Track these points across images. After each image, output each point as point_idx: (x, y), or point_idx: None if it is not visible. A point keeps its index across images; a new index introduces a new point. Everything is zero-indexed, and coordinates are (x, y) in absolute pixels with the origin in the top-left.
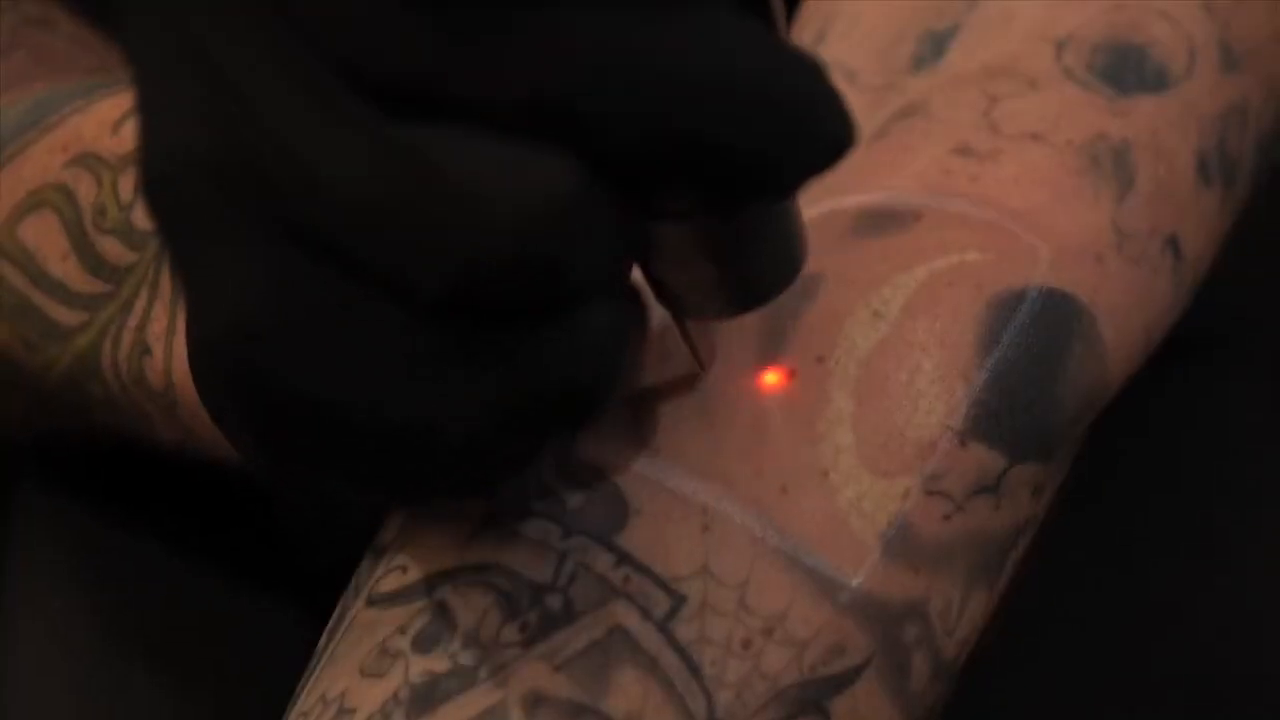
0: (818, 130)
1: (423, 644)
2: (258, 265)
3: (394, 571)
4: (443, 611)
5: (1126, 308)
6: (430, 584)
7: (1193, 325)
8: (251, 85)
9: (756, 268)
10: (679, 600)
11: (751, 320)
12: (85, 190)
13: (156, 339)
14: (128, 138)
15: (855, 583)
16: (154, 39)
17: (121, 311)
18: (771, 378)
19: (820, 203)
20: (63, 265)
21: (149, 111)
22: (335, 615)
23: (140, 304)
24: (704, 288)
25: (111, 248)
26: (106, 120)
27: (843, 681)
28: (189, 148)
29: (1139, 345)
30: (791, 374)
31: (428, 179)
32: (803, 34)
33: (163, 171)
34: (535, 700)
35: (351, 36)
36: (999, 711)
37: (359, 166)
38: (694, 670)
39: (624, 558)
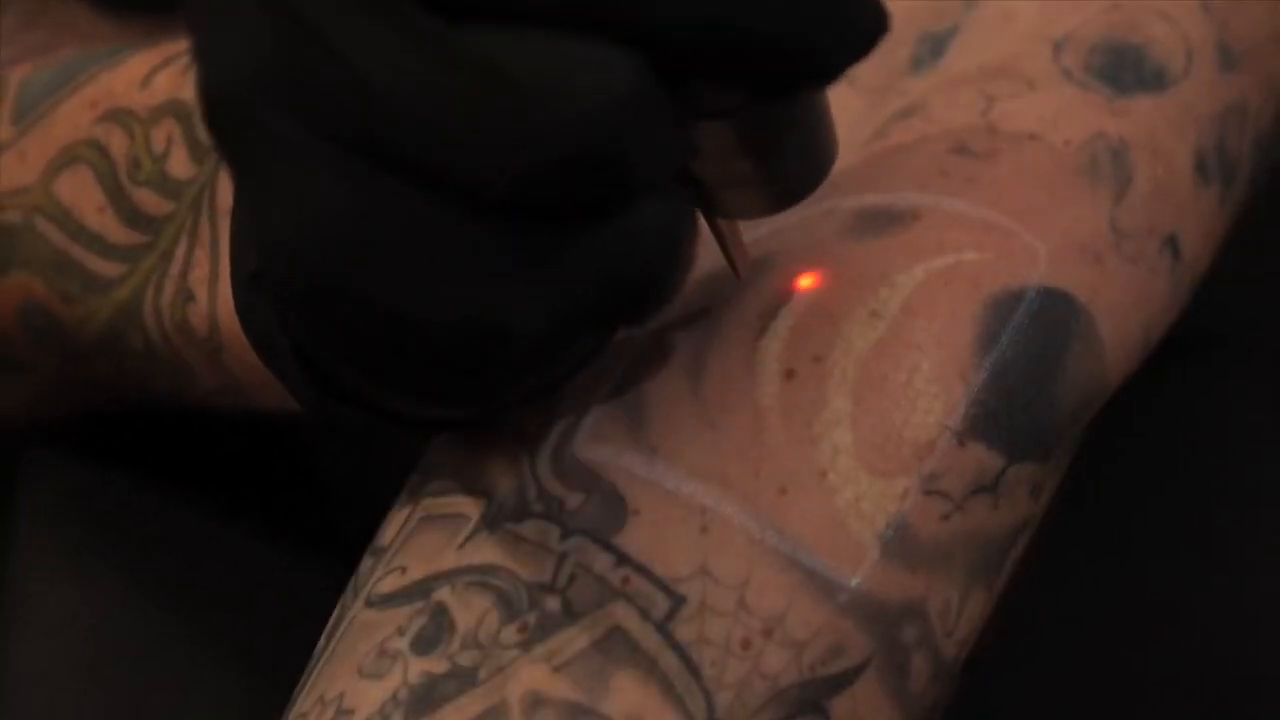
0: (857, 16)
1: (421, 645)
2: (325, 177)
3: (393, 572)
4: (441, 613)
5: (1125, 307)
6: (429, 585)
7: (1192, 325)
8: (310, 3)
9: (793, 163)
10: (678, 601)
11: (750, 319)
12: (117, 144)
13: (200, 284)
14: (157, 91)
15: (854, 583)
16: None
17: (162, 260)
18: (806, 280)
19: (819, 202)
20: (100, 218)
21: (208, 35)
22: (334, 616)
23: (180, 252)
24: (741, 186)
25: (147, 199)
26: (135, 76)
27: (842, 682)
28: (251, 66)
29: (1137, 345)
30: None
31: (490, 81)
32: None
33: (225, 92)
34: (534, 701)
35: None
36: (999, 711)
37: (422, 73)
38: (693, 671)
39: (623, 558)
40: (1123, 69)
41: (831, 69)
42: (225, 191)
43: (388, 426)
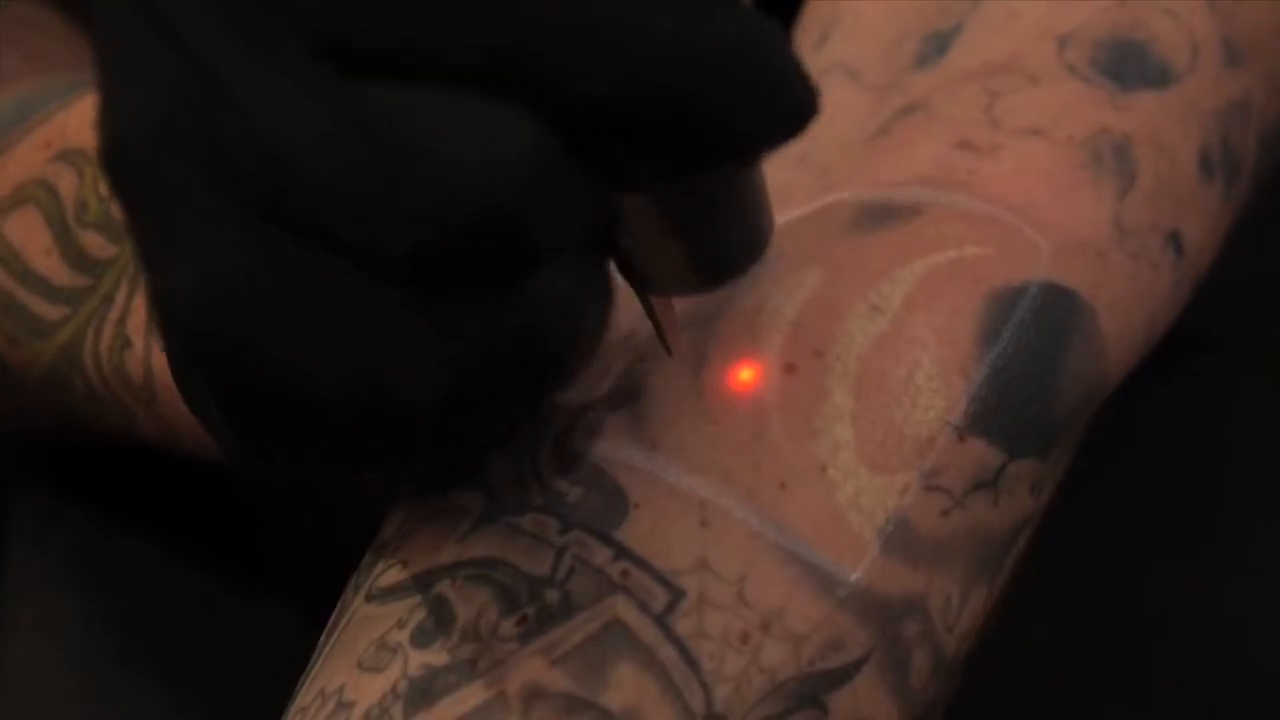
0: (784, 95)
1: (421, 638)
2: (222, 235)
3: (393, 567)
4: (441, 606)
5: (1127, 303)
6: (428, 579)
7: (1194, 324)
8: (213, 54)
9: (723, 241)
10: (677, 594)
11: (749, 313)
12: (67, 185)
13: (136, 332)
14: None
15: (853, 578)
16: (118, 11)
17: (102, 304)
18: (746, 374)
19: (820, 197)
20: (45, 261)
21: (109, 84)
22: (336, 612)
23: (121, 297)
24: (670, 262)
25: (92, 241)
26: (88, 115)
27: (841, 677)
28: (149, 118)
29: (1139, 340)
30: (777, 370)
31: (390, 143)
32: (806, 35)
33: (123, 142)
34: (533, 694)
35: (311, 2)
36: (1000, 710)
37: (320, 133)
38: (692, 664)
39: (622, 552)
40: (1127, 65)
41: (752, 150)
42: None
43: (313, 484)
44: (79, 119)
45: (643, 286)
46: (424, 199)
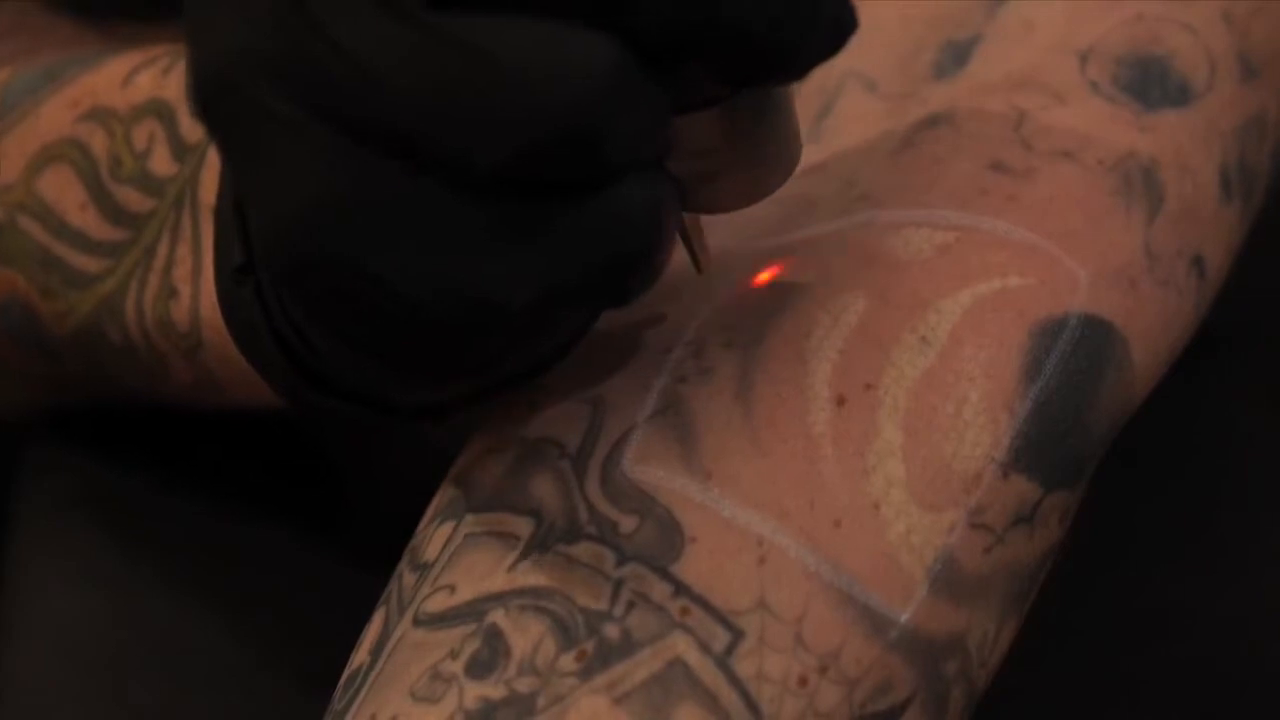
0: (826, 14)
1: (476, 669)
2: (320, 157)
3: (441, 591)
4: (495, 636)
5: (1155, 331)
6: (480, 606)
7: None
8: None
9: (762, 156)
10: (737, 634)
11: (795, 338)
12: (98, 143)
13: (183, 280)
14: (138, 90)
15: (903, 619)
16: None
17: (145, 256)
18: (765, 275)
19: (851, 209)
20: (82, 216)
21: (200, 20)
22: (377, 630)
23: (163, 248)
24: (715, 179)
25: (129, 196)
26: (116, 75)
27: (887, 718)
28: (247, 50)
29: (1162, 366)
30: (827, 401)
31: (474, 63)
32: None
33: (222, 75)
34: None
35: None
36: (997, 712)
37: (410, 57)
38: (752, 708)
39: (681, 588)
40: (1149, 83)
41: (799, 66)
42: (208, 188)
43: (368, 415)
44: (106, 79)
45: (684, 205)
46: (511, 114)
